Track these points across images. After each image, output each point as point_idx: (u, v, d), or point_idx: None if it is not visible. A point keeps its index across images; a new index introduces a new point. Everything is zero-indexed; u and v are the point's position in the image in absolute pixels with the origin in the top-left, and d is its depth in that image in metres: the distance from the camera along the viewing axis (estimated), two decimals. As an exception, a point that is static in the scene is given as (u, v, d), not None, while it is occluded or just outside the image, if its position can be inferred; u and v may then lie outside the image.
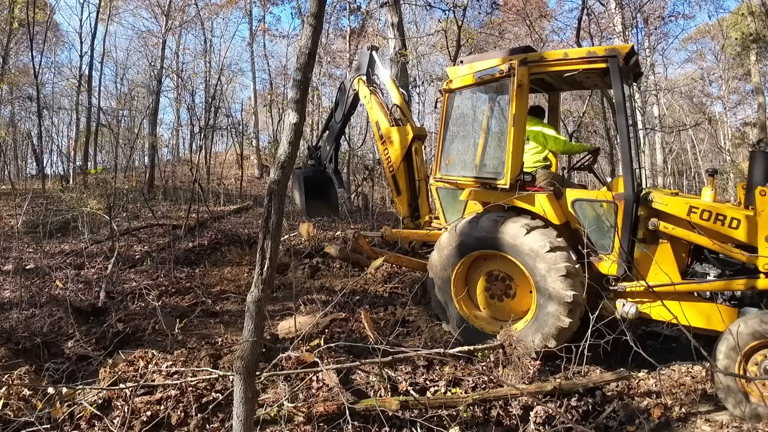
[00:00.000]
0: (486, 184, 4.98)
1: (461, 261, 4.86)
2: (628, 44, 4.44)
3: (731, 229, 4.16)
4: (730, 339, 3.76)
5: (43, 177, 18.83)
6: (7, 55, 18.29)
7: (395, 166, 6.21)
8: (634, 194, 4.43)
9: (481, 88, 5.23)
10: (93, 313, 5.72)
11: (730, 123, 25.09)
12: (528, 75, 4.78)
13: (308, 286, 6.98)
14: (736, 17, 18.89)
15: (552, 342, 4.39)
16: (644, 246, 4.46)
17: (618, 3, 15.72)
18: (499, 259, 4.76)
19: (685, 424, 3.70)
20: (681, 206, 4.33)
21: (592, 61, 4.60)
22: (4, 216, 12.08)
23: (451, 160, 5.46)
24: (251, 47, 27.55)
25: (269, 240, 2.65)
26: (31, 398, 3.27)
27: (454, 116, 5.44)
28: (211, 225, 11.14)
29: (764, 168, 4.27)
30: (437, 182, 5.49)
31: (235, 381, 2.62)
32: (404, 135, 6.17)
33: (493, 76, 4.92)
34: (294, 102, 2.76)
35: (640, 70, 5.32)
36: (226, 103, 24.69)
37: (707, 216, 4.23)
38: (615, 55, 4.42)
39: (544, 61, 4.78)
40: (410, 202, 6.24)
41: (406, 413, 3.28)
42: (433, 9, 14.25)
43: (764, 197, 4.00)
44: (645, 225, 4.45)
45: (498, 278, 4.91)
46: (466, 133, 5.48)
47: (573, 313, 4.41)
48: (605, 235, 4.59)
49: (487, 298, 4.94)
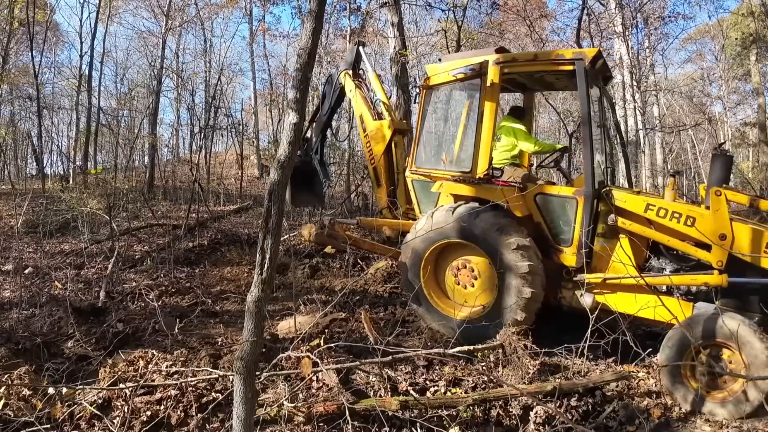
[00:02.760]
0: (456, 178, 5.21)
1: (430, 249, 5.07)
2: (595, 48, 4.71)
3: (686, 226, 4.34)
4: (675, 338, 3.89)
5: (43, 177, 18.84)
6: (7, 55, 18.29)
7: (376, 158, 6.42)
8: (594, 191, 4.63)
9: (456, 85, 5.44)
10: (93, 313, 5.71)
11: (730, 123, 25.08)
12: (500, 75, 4.98)
13: (308, 286, 6.97)
14: (736, 17, 18.88)
15: (519, 314, 4.59)
16: (604, 240, 4.70)
17: (618, 3, 15.71)
18: (465, 247, 4.99)
19: (685, 424, 3.70)
20: (638, 203, 4.55)
21: (559, 63, 4.83)
22: (4, 216, 12.08)
23: (426, 153, 5.70)
24: (251, 47, 27.59)
25: (269, 240, 2.65)
26: (31, 398, 3.27)
27: (430, 111, 5.69)
28: (211, 225, 11.13)
29: (723, 169, 4.49)
30: (413, 174, 5.71)
31: (235, 381, 2.62)
32: (385, 128, 6.36)
33: (466, 74, 5.12)
34: (294, 102, 2.76)
35: (609, 74, 5.56)
36: (226, 103, 24.75)
37: (663, 213, 4.43)
38: (581, 58, 4.64)
39: (515, 61, 5.03)
40: (389, 194, 6.43)
41: (406, 413, 3.28)
42: (433, 9, 14.23)
43: (718, 197, 4.18)
44: (605, 220, 4.69)
45: (464, 266, 5.08)
46: (441, 128, 5.76)
47: (533, 284, 4.61)
48: (566, 229, 4.81)
49: (454, 284, 5.14)
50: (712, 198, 4.22)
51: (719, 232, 4.18)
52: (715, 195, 4.20)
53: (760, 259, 4.07)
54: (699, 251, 4.31)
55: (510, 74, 5.16)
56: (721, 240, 4.16)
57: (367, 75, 6.88)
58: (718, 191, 4.20)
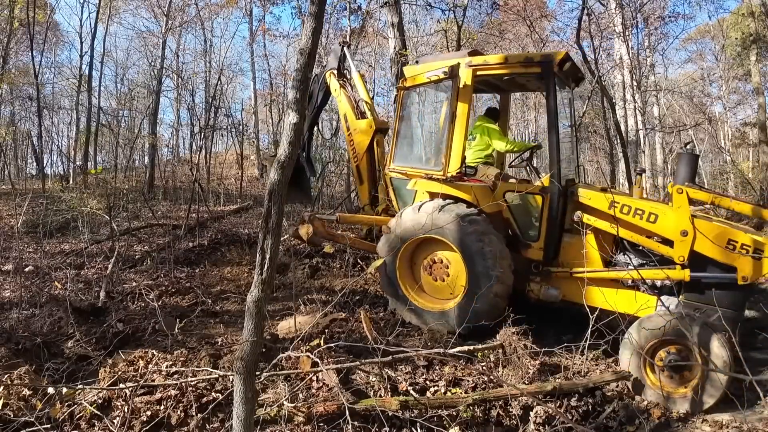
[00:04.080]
0: (429, 176, 5.39)
1: (405, 245, 5.27)
2: (563, 51, 4.90)
3: (649, 223, 4.52)
4: (633, 337, 3.98)
5: (43, 177, 18.84)
6: (7, 55, 18.29)
7: (359, 156, 6.58)
8: (559, 189, 4.84)
9: (431, 87, 5.62)
10: (93, 313, 5.71)
11: (730, 123, 25.07)
12: (472, 77, 5.15)
13: (308, 286, 6.97)
14: (736, 17, 18.88)
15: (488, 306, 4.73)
16: (570, 236, 4.91)
17: (618, 3, 15.71)
18: (438, 243, 5.16)
19: (685, 424, 3.70)
20: (603, 201, 4.74)
21: (528, 65, 5.01)
22: (4, 216, 12.09)
23: (403, 151, 5.89)
24: (251, 47, 27.60)
25: (269, 240, 2.65)
26: (31, 398, 3.27)
27: (407, 112, 5.89)
28: (211, 225, 11.13)
29: (689, 168, 4.69)
30: (391, 172, 5.91)
31: (235, 381, 2.62)
32: (368, 127, 6.51)
33: (439, 77, 5.32)
34: (294, 102, 2.76)
35: (580, 75, 5.71)
36: (226, 103, 24.72)
37: (627, 210, 4.61)
38: (549, 61, 4.81)
39: (486, 64, 5.18)
40: (371, 191, 6.59)
41: (406, 413, 3.28)
42: (433, 9, 14.24)
43: (680, 195, 4.37)
44: (571, 216, 4.86)
45: (438, 261, 5.26)
46: (417, 128, 5.99)
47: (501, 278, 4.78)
48: (533, 225, 5.03)
49: (428, 278, 5.32)
50: (675, 196, 4.40)
51: (681, 228, 4.35)
52: (677, 193, 4.38)
53: (721, 255, 4.22)
54: (662, 247, 4.47)
55: (482, 76, 5.32)
56: (683, 236, 4.33)
57: (352, 75, 7.02)
58: (680, 189, 4.38)
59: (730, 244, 4.21)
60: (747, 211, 4.77)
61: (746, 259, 4.14)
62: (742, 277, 4.17)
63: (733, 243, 4.19)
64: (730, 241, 4.21)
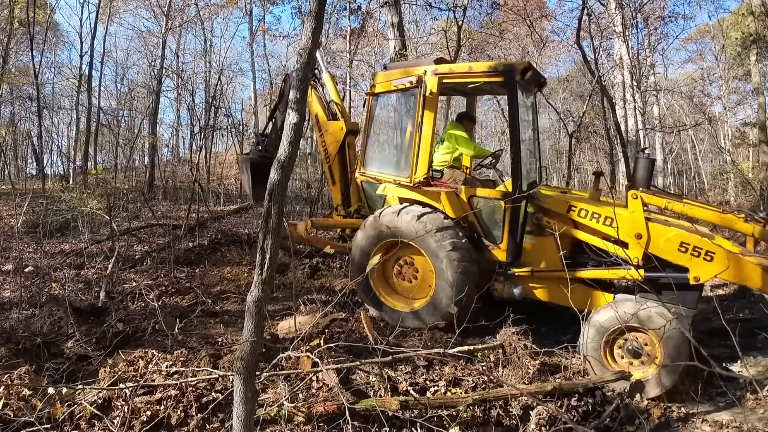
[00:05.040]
0: (397, 182, 5.60)
1: (376, 247, 5.48)
2: (525, 61, 5.16)
3: (605, 225, 4.73)
4: (592, 328, 4.29)
5: (43, 177, 18.84)
6: (7, 55, 18.28)
7: (331, 157, 6.66)
8: (520, 193, 5.02)
9: (399, 93, 5.77)
10: (93, 313, 5.71)
11: (730, 123, 25.04)
12: (437, 85, 5.34)
13: (308, 286, 6.97)
14: (736, 17, 18.87)
15: (454, 307, 4.98)
16: (532, 237, 5.14)
17: (618, 3, 15.70)
18: (407, 246, 5.37)
19: (685, 424, 3.70)
20: (562, 204, 4.98)
21: (491, 75, 5.18)
22: (4, 216, 12.09)
23: (373, 156, 6.07)
24: (251, 47, 27.58)
25: (269, 240, 2.65)
26: (31, 398, 3.27)
27: (376, 117, 6.04)
28: (211, 225, 11.12)
29: (645, 172, 4.86)
30: (361, 176, 6.09)
31: (235, 381, 2.62)
32: (339, 129, 6.61)
33: (405, 85, 5.53)
34: (294, 102, 2.76)
35: (543, 80, 5.95)
36: (226, 103, 24.74)
37: (584, 214, 4.85)
38: (511, 70, 5.02)
39: (451, 72, 5.38)
40: (343, 191, 6.68)
41: (406, 413, 3.28)
42: (433, 9, 14.23)
43: (635, 200, 4.57)
44: (532, 219, 5.11)
45: (408, 262, 5.49)
46: (385, 134, 6.13)
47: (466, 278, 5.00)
48: (496, 227, 5.23)
49: (399, 280, 5.58)
50: (629, 200, 4.61)
51: (635, 231, 4.55)
52: (632, 198, 4.59)
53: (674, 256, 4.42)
54: (618, 248, 4.61)
55: (448, 84, 5.51)
56: (637, 239, 4.53)
57: (322, 76, 7.08)
58: (634, 194, 4.58)
59: (682, 246, 4.40)
60: (699, 215, 4.88)
61: (698, 261, 4.34)
62: (694, 278, 4.37)
63: (685, 245, 4.39)
64: (682, 243, 4.40)
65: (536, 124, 6.20)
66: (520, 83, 5.24)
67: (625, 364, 4.25)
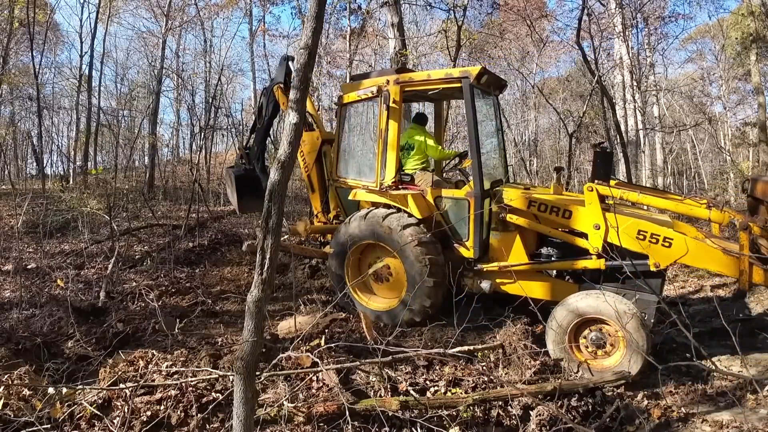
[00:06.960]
0: (367, 187, 5.85)
1: (351, 250, 5.76)
2: (478, 66, 5.32)
3: (564, 219, 4.97)
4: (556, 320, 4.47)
5: (43, 177, 18.84)
6: (7, 55, 18.27)
7: (309, 167, 6.92)
8: (483, 192, 5.27)
9: (365, 102, 6.03)
10: (93, 313, 5.71)
11: (730, 123, 25.04)
12: (400, 93, 5.63)
13: (308, 286, 6.98)
14: (736, 17, 18.86)
15: (427, 301, 5.28)
16: (497, 233, 5.34)
17: (618, 3, 15.69)
18: (380, 247, 5.66)
19: (685, 424, 3.70)
20: (523, 201, 5.17)
21: (449, 81, 5.43)
22: (4, 216, 12.09)
23: (345, 163, 6.33)
24: (251, 47, 27.57)
25: (269, 240, 2.64)
26: (31, 398, 3.27)
27: (347, 126, 6.32)
28: (211, 225, 11.14)
29: (604, 165, 5.04)
30: (335, 183, 6.38)
31: (235, 381, 2.62)
32: (314, 138, 6.86)
33: (368, 95, 5.84)
34: (294, 102, 2.76)
35: (502, 83, 6.23)
36: (226, 103, 24.71)
37: (544, 208, 5.06)
38: (467, 76, 5.25)
39: (412, 81, 5.63)
40: (322, 199, 6.94)
41: (406, 413, 3.28)
42: (433, 9, 14.22)
43: (591, 192, 4.75)
44: (497, 216, 5.30)
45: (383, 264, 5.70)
46: (355, 141, 6.35)
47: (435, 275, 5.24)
48: (462, 226, 5.43)
49: (374, 281, 5.84)
50: (586, 193, 4.79)
51: (593, 222, 4.75)
52: (587, 190, 4.78)
53: (632, 244, 4.57)
54: (578, 240, 4.89)
55: (410, 92, 5.78)
56: (596, 229, 4.73)
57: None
58: (590, 187, 4.77)
59: (640, 234, 4.54)
60: (657, 204, 4.97)
61: (656, 248, 4.48)
62: (653, 264, 4.51)
63: (643, 233, 4.54)
64: (640, 231, 4.54)
65: (500, 124, 6.48)
66: (478, 87, 5.49)
67: (590, 354, 4.43)
